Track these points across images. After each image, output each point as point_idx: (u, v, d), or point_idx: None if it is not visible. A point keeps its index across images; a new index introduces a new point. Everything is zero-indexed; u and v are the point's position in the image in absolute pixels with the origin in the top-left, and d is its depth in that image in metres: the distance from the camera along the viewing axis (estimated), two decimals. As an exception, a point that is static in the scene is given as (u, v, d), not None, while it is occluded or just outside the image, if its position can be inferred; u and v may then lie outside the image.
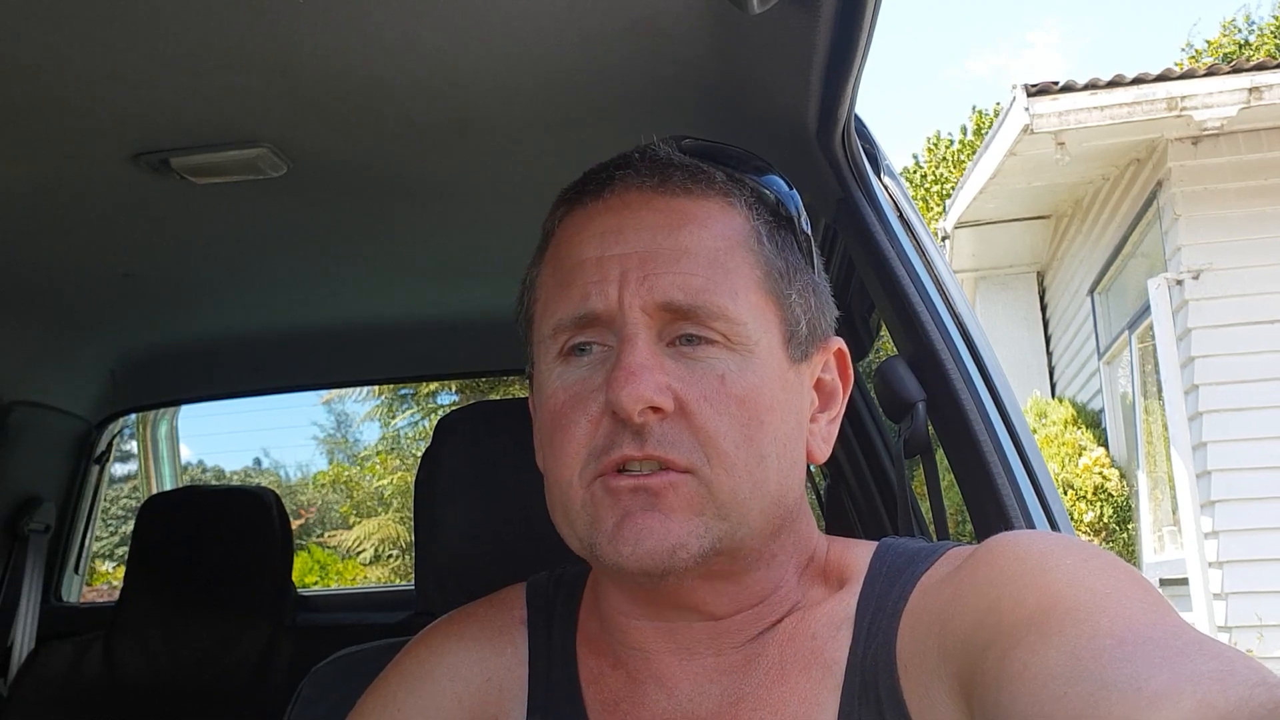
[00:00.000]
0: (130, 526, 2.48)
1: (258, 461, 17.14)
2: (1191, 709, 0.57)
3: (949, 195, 11.54)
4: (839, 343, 0.95)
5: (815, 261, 0.96)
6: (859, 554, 0.91)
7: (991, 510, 1.16)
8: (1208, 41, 16.14)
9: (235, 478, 16.04)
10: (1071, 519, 5.44)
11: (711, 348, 0.84)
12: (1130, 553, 7.55)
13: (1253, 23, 16.16)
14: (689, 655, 0.88)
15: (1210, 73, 6.39)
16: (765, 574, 0.88)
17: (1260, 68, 6.32)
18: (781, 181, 0.95)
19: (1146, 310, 6.81)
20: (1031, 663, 0.67)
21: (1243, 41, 15.69)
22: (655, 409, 0.81)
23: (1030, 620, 0.70)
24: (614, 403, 0.81)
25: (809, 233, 0.96)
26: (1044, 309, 10.10)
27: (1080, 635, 0.67)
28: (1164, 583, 6.93)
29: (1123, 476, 7.71)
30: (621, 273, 0.85)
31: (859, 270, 1.50)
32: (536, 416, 0.92)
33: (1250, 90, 6.17)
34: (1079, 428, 8.05)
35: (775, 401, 0.86)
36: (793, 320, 0.89)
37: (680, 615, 0.88)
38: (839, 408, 0.95)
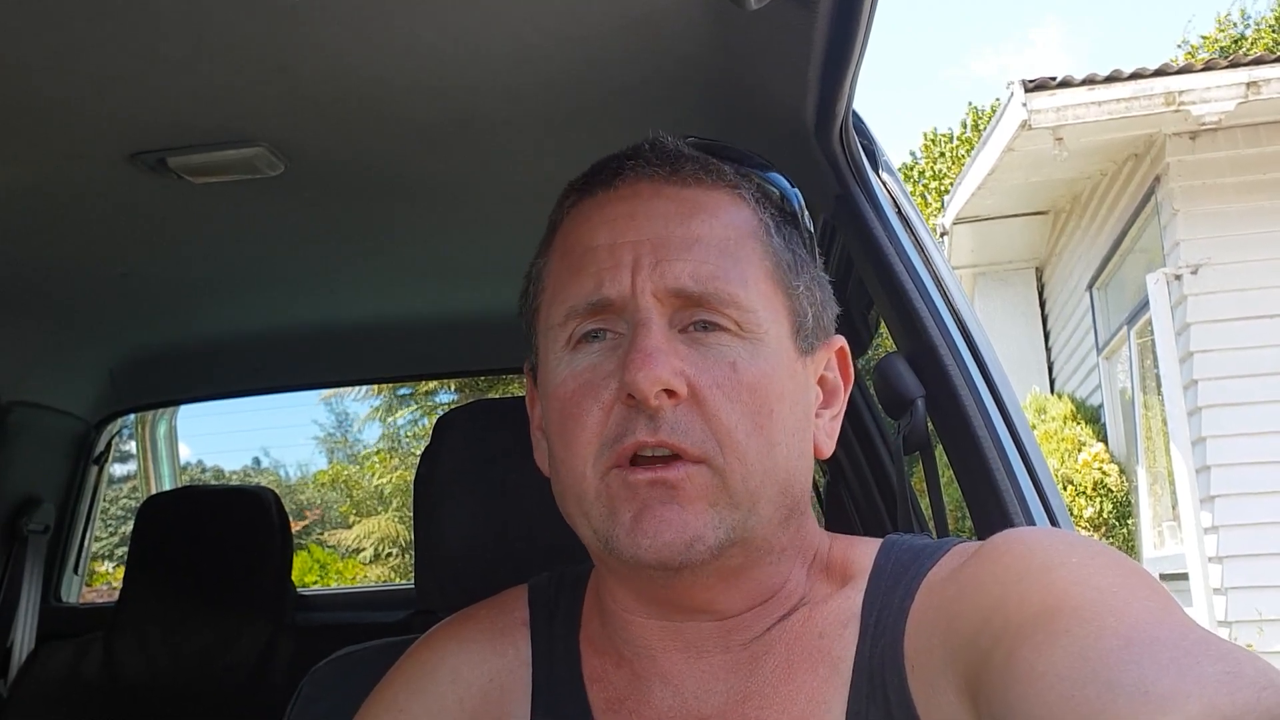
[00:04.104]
0: (129, 527, 2.48)
1: (257, 461, 17.12)
2: (1198, 713, 0.57)
3: (947, 192, 11.55)
4: (841, 341, 0.96)
5: (817, 259, 0.96)
6: (864, 551, 0.91)
7: (991, 506, 1.16)
8: (1203, 37, 16.14)
9: (235, 477, 16.03)
10: (1071, 514, 5.44)
11: (723, 335, 0.85)
12: (1130, 548, 7.55)
13: (1248, 17, 16.16)
14: (696, 654, 0.88)
15: (1208, 67, 6.39)
16: (775, 568, 0.88)
17: (1258, 62, 6.31)
18: (783, 180, 0.96)
19: (1145, 305, 6.81)
20: (1038, 664, 0.67)
21: (1238, 36, 15.69)
22: (670, 393, 0.81)
23: (1036, 620, 0.70)
24: (630, 385, 0.81)
25: (811, 230, 0.97)
26: (1043, 304, 10.10)
27: (1087, 636, 0.66)
28: (1164, 578, 6.93)
29: (1122, 472, 7.71)
30: (634, 259, 0.86)
31: (857, 266, 1.49)
32: (542, 407, 0.92)
33: (1248, 85, 6.16)
34: (1078, 423, 8.05)
35: (784, 391, 0.86)
36: (801, 312, 0.90)
37: (689, 616, 0.88)
38: (840, 406, 0.95)
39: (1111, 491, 7.56)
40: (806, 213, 0.97)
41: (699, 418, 0.82)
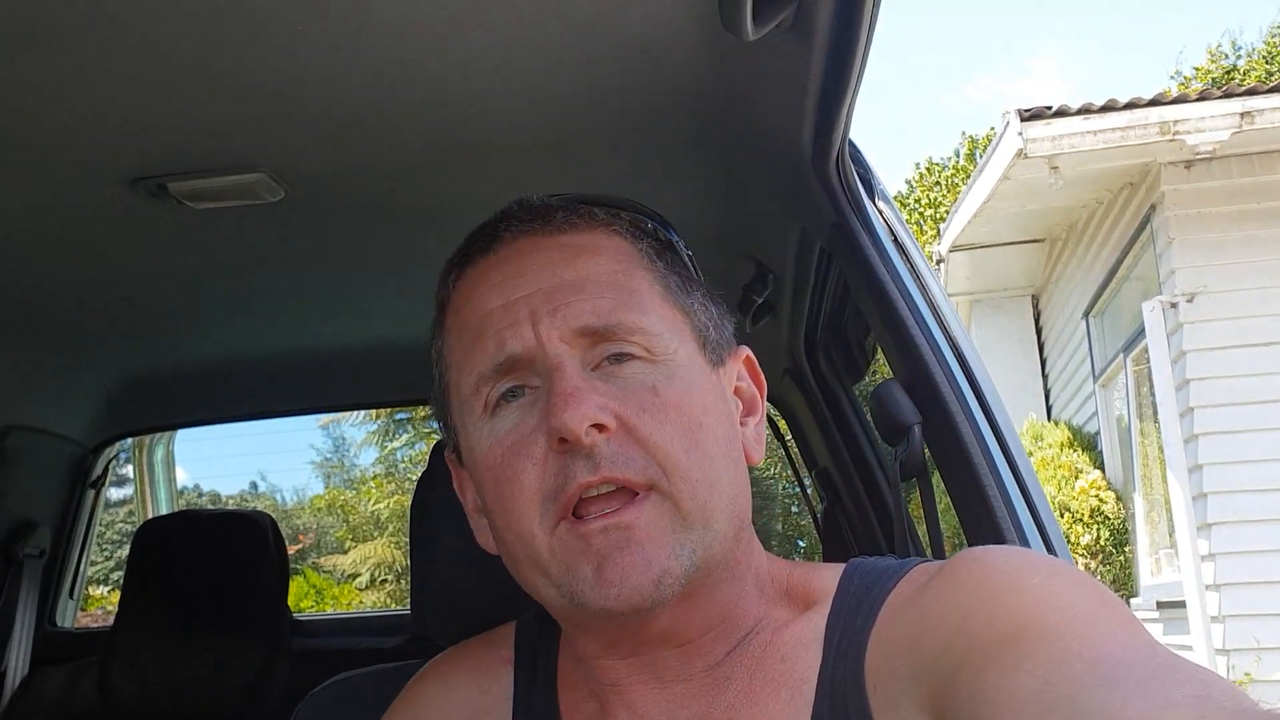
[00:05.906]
0: (125, 551, 2.47)
1: (254, 485, 17.06)
2: None
3: (942, 219, 11.59)
4: (746, 351, 0.98)
5: (701, 280, 0.98)
6: (827, 576, 0.92)
7: (988, 533, 1.16)
8: (1195, 68, 16.26)
9: (231, 502, 15.98)
10: (1068, 542, 5.43)
11: (636, 363, 0.85)
12: (1127, 575, 7.54)
13: (1239, 48, 16.31)
14: (660, 683, 0.88)
15: (1202, 97, 6.44)
16: (731, 586, 0.88)
17: (1251, 92, 6.36)
18: (652, 213, 0.99)
19: (1141, 333, 6.83)
20: (1003, 687, 0.66)
21: (1230, 67, 15.81)
22: (600, 427, 0.81)
23: (1001, 643, 0.70)
24: (559, 429, 0.80)
25: (690, 256, 0.99)
26: (1039, 332, 10.12)
27: (1052, 659, 0.66)
28: (1161, 605, 6.92)
29: (1119, 499, 7.71)
30: (531, 311, 0.86)
31: (854, 294, 1.50)
32: (473, 483, 0.91)
33: (1242, 115, 6.21)
34: (1075, 450, 8.05)
35: (708, 405, 0.87)
36: (702, 326, 0.92)
37: (651, 648, 0.88)
38: (761, 413, 0.97)
39: (1108, 519, 7.55)
40: (682, 242, 1.00)
41: (635, 446, 0.82)
